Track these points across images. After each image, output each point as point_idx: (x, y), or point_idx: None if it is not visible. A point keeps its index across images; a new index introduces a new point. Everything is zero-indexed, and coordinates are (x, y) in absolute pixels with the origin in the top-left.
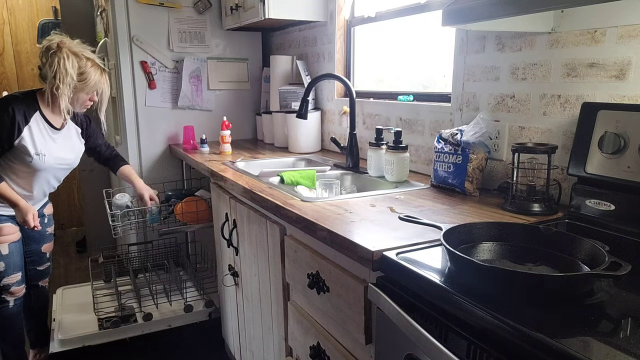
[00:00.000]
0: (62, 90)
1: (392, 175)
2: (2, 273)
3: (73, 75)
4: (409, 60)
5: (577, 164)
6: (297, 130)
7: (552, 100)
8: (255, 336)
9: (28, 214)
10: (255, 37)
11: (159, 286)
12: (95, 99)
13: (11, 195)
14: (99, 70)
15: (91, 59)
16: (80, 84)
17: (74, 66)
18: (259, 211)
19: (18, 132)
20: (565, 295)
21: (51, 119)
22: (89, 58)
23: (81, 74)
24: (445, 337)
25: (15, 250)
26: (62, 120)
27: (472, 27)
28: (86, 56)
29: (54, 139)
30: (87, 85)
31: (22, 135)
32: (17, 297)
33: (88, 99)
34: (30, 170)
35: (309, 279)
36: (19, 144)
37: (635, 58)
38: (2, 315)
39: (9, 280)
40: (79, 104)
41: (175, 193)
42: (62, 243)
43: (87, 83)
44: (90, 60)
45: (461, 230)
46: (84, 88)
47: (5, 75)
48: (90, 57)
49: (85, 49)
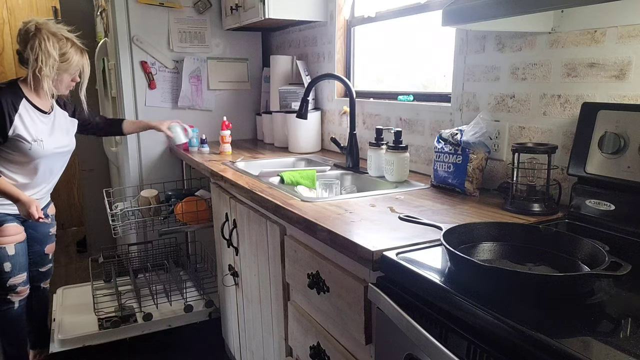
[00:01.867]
0: (45, 72)
1: (392, 175)
2: (8, 274)
3: (55, 56)
4: (409, 60)
5: (577, 164)
6: (297, 130)
7: (552, 100)
8: (255, 336)
9: (31, 206)
10: (255, 37)
11: (159, 286)
12: (78, 79)
13: (11, 190)
14: (79, 50)
15: (70, 38)
16: (62, 65)
17: (55, 47)
18: (259, 211)
19: (10, 122)
20: (565, 295)
21: (38, 104)
22: (68, 38)
23: (63, 54)
24: (445, 337)
25: (21, 251)
26: (49, 104)
27: (472, 27)
28: (65, 36)
29: (46, 123)
30: (70, 66)
31: (15, 124)
32: (21, 297)
33: (71, 80)
34: (31, 159)
35: (309, 279)
36: (14, 134)
37: (635, 58)
38: (8, 317)
39: (15, 281)
40: (62, 85)
41: (175, 193)
42: (62, 243)
43: (70, 63)
44: (69, 40)
45: (461, 230)
46: (68, 68)
47: (5, 75)
48: (69, 36)
49: (62, 29)
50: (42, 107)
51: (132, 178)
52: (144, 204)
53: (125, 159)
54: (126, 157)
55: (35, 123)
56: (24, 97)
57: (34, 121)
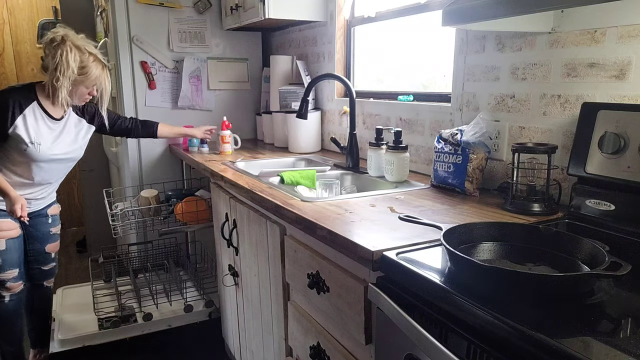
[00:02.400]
0: (61, 82)
1: (392, 175)
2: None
3: (74, 69)
4: (409, 60)
5: (577, 164)
6: (297, 130)
7: (552, 100)
8: (255, 336)
9: (16, 203)
10: (255, 37)
11: (159, 286)
12: (95, 93)
13: (2, 184)
14: (100, 66)
15: (94, 53)
16: (80, 77)
17: (76, 60)
18: (259, 211)
19: (12, 120)
20: (565, 295)
21: (50, 110)
22: (92, 53)
23: (82, 67)
24: (445, 337)
25: (12, 247)
26: (61, 111)
27: (472, 27)
28: (89, 51)
29: (52, 129)
30: (88, 79)
31: (16, 124)
32: (13, 292)
33: (87, 93)
34: (27, 159)
35: (309, 279)
36: (13, 132)
37: (635, 58)
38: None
39: (5, 276)
40: (77, 96)
41: (175, 193)
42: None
43: (88, 77)
44: (92, 55)
45: (461, 230)
46: (84, 81)
47: (5, 75)
48: (93, 52)
49: (88, 44)
50: (53, 113)
51: (132, 178)
52: (144, 204)
53: (125, 159)
54: (126, 157)
55: (39, 127)
56: (36, 100)
57: (39, 125)
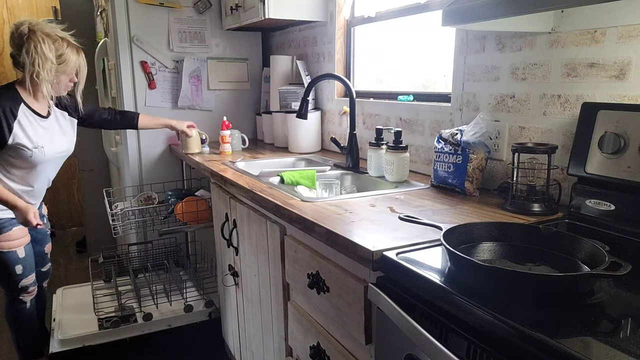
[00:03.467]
0: (43, 76)
1: (392, 175)
2: (20, 275)
3: (52, 59)
4: (409, 60)
5: (577, 164)
6: (297, 130)
7: (552, 100)
8: (255, 336)
9: (29, 212)
10: (255, 37)
11: (159, 286)
12: (76, 79)
13: (8, 197)
14: (75, 49)
15: (65, 38)
16: (60, 67)
17: (52, 49)
18: (259, 211)
19: (9, 130)
20: (565, 295)
21: (36, 108)
22: (63, 38)
23: (60, 56)
24: (445, 337)
25: (29, 252)
26: (47, 107)
27: (472, 27)
28: (60, 36)
29: (45, 128)
30: (68, 67)
31: (14, 132)
32: (32, 297)
33: (69, 80)
34: (31, 165)
35: (309, 279)
36: (14, 142)
37: (635, 58)
38: (22, 316)
39: (27, 282)
40: (61, 87)
41: (175, 193)
42: (62, 243)
43: (68, 64)
44: (64, 40)
45: (461, 230)
46: (65, 70)
47: (5, 75)
48: (64, 36)
49: (55, 29)
50: (40, 111)
51: (132, 178)
52: (144, 204)
53: (125, 159)
54: (126, 157)
55: (35, 129)
56: (22, 101)
57: (34, 127)
